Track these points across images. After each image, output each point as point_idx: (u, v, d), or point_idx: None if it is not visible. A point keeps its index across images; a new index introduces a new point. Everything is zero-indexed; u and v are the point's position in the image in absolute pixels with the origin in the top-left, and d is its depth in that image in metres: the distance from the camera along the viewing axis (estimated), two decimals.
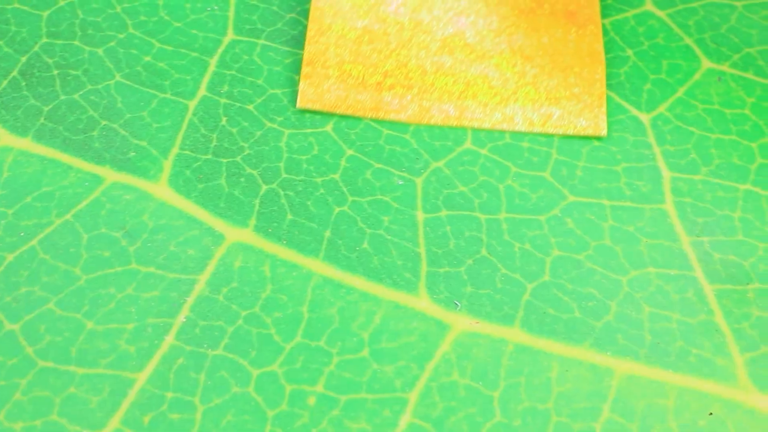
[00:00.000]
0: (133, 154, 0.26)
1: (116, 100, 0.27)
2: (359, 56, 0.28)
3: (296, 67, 0.28)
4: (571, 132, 0.27)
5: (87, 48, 0.28)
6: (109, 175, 0.25)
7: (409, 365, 0.23)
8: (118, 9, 0.29)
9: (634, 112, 0.28)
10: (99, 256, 0.24)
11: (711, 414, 0.23)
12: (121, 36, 0.28)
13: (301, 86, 0.27)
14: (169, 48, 0.28)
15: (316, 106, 0.27)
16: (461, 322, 0.24)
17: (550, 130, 0.27)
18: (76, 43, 0.28)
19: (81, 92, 0.27)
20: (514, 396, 0.23)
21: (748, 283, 0.25)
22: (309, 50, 0.28)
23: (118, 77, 0.27)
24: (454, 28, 0.28)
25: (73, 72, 0.27)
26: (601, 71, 0.28)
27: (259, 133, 0.27)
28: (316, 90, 0.27)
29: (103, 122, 0.26)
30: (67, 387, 0.22)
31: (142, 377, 0.22)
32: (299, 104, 0.27)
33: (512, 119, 0.27)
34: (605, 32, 0.30)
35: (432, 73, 0.28)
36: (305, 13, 0.30)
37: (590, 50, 0.29)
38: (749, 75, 0.29)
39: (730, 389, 0.23)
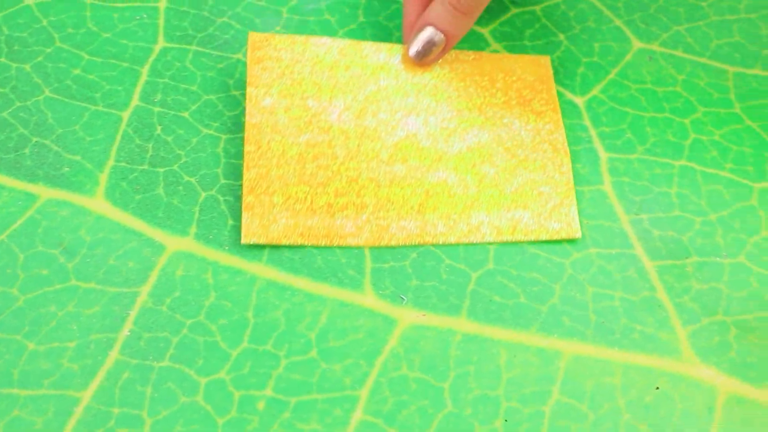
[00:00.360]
0: (67, 169, 0.25)
1: (47, 115, 0.26)
2: (305, 176, 0.25)
3: (230, 71, 0.28)
4: (544, 237, 0.25)
5: (14, 64, 0.27)
6: (43, 192, 0.25)
7: (358, 362, 0.23)
8: (45, 23, 0.28)
9: (569, 95, 0.28)
10: (37, 275, 0.24)
11: (657, 388, 0.23)
12: (48, 50, 0.28)
13: (244, 219, 0.24)
14: (99, 59, 0.28)
15: (262, 240, 0.24)
16: (408, 316, 0.24)
17: (521, 237, 0.25)
18: (2, 59, 0.27)
19: (9, 110, 0.26)
20: (463, 385, 0.23)
21: (687, 258, 0.25)
22: (249, 176, 0.25)
23: (47, 92, 0.27)
24: (404, 131, 0.25)
25: (0, 90, 0.27)
26: (566, 163, 0.26)
27: (195, 140, 0.27)
28: (261, 221, 0.24)
29: (35, 139, 0.26)
30: (10, 410, 0.22)
31: (87, 395, 0.22)
32: (243, 240, 0.24)
33: (478, 229, 0.25)
34: (536, 18, 0.30)
35: (386, 186, 0.25)
36: (237, 17, 0.29)
37: (551, 140, 0.26)
38: (679, 53, 0.30)
39: (674, 363, 0.24)
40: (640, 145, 0.27)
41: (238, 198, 0.25)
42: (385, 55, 0.27)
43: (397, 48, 0.27)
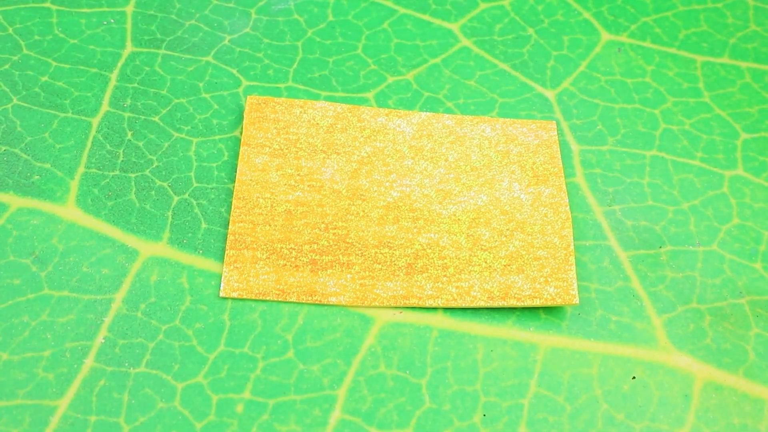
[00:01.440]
0: (37, 177, 0.25)
1: (15, 123, 0.26)
2: (291, 232, 0.24)
3: (200, 74, 0.28)
4: (538, 303, 0.24)
5: None
6: (14, 201, 0.25)
7: (335, 362, 0.23)
8: (10, 30, 0.28)
9: (540, 89, 0.28)
10: (9, 285, 0.23)
11: (634, 378, 0.23)
12: (15, 58, 0.27)
13: (225, 273, 0.24)
14: (67, 66, 0.28)
15: (243, 295, 0.24)
16: (384, 314, 0.24)
17: (514, 303, 0.24)
18: None
19: None
20: (441, 381, 0.23)
21: (660, 247, 0.25)
22: (234, 230, 0.24)
23: (15, 100, 0.27)
24: (398, 192, 0.25)
25: None
26: (567, 228, 0.25)
27: (166, 144, 0.26)
28: (241, 275, 0.24)
29: (3, 148, 0.26)
30: None
31: (63, 403, 0.22)
32: (222, 293, 0.24)
33: (468, 293, 0.24)
34: (505, 13, 0.30)
35: (374, 246, 0.24)
36: (205, 19, 0.29)
37: (552, 204, 0.25)
38: (647, 44, 0.30)
39: (650, 351, 0.24)
40: (611, 137, 0.28)
41: (211, 201, 0.25)
42: (383, 119, 0.26)
43: (395, 113, 0.27)
